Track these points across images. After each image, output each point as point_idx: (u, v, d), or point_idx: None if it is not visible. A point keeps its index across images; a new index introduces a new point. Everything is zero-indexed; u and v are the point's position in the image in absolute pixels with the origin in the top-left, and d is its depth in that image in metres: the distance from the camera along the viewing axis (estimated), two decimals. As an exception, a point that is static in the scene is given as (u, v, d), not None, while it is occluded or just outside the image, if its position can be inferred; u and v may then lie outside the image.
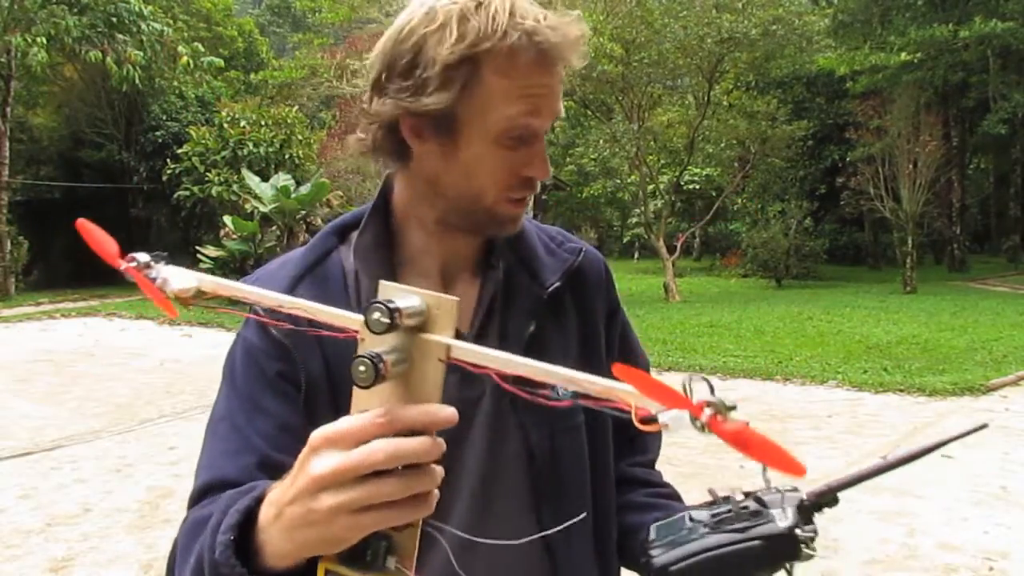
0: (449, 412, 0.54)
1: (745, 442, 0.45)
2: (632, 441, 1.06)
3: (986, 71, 22.63)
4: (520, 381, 0.53)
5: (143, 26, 16.36)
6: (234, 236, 15.41)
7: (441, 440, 0.55)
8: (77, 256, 21.51)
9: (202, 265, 15.84)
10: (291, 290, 0.86)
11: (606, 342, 0.99)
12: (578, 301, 0.98)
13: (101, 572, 3.58)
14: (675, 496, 1.05)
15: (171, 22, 20.04)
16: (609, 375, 0.61)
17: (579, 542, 0.93)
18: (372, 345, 0.52)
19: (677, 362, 8.76)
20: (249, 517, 0.63)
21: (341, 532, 0.55)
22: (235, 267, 15.42)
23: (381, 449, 0.52)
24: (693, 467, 4.98)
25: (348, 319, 0.56)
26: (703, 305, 15.65)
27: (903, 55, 18.86)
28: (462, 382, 0.74)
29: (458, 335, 0.88)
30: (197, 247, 16.33)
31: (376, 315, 0.51)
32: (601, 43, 15.42)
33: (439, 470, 0.55)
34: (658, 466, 1.12)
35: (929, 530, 3.98)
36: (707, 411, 0.45)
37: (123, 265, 0.63)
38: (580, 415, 0.92)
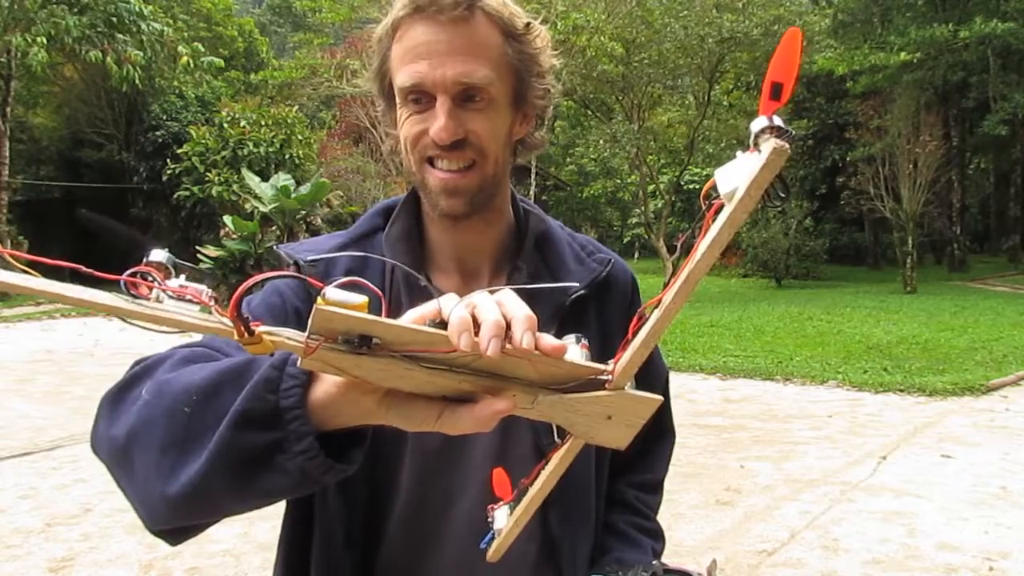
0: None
1: None
2: (640, 456, 1.05)
3: (986, 71, 22.64)
4: None
5: (143, 26, 16.34)
6: (234, 236, 15.41)
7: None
8: (77, 256, 21.54)
9: (202, 265, 15.85)
10: (336, 252, 0.92)
11: None
12: (600, 311, 0.97)
13: (101, 572, 3.57)
14: (653, 533, 1.03)
15: (171, 22, 20.02)
16: None
17: (582, 547, 0.93)
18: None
19: (677, 362, 8.75)
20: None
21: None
22: (235, 267, 15.42)
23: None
24: (693, 467, 4.98)
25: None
26: (703, 305, 15.64)
27: (903, 55, 18.87)
28: None
29: None
30: (197, 247, 16.33)
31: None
32: (601, 42, 15.44)
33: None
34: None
35: (929, 530, 3.98)
36: None
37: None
38: None
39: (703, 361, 8.94)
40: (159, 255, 0.52)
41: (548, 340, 0.54)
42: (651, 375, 1.04)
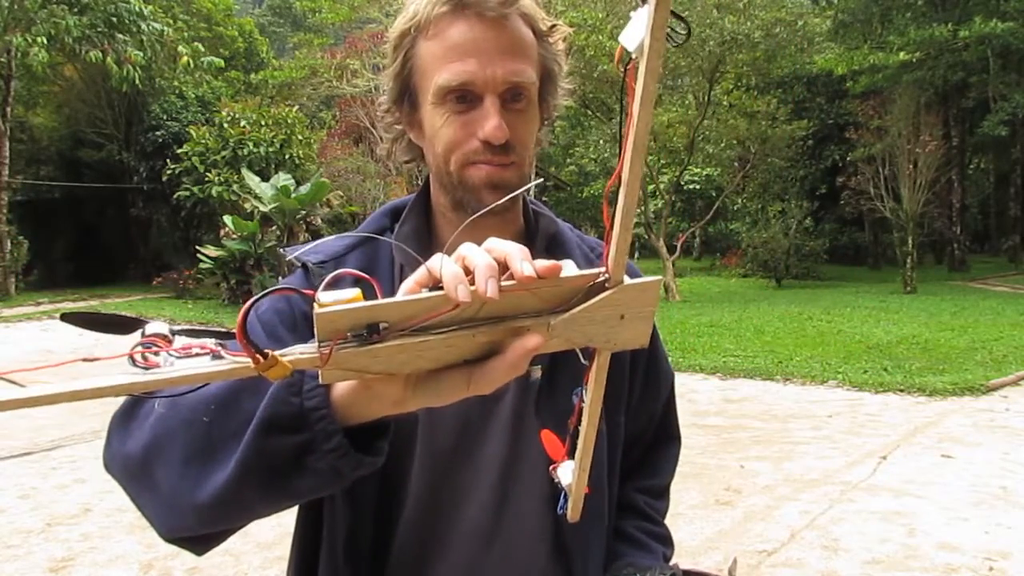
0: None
1: None
2: (643, 462, 1.05)
3: (986, 71, 22.62)
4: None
5: (143, 26, 16.34)
6: (234, 236, 15.40)
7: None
8: (77, 256, 21.54)
9: (202, 265, 15.85)
10: (345, 255, 0.90)
11: (632, 357, 0.97)
12: None
13: (101, 572, 3.57)
14: (663, 539, 1.03)
15: (171, 22, 20.01)
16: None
17: (594, 550, 0.93)
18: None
19: (677, 362, 8.75)
20: None
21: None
22: (235, 267, 15.42)
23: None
24: (693, 467, 4.98)
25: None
26: (703, 305, 15.65)
27: (903, 55, 18.87)
28: None
29: None
30: (197, 247, 16.32)
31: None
32: (600, 41, 15.43)
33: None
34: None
35: (929, 530, 3.98)
36: None
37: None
38: (602, 423, 0.92)
39: (703, 361, 8.94)
40: (157, 327, 0.53)
41: (542, 262, 0.53)
42: (659, 378, 1.04)
